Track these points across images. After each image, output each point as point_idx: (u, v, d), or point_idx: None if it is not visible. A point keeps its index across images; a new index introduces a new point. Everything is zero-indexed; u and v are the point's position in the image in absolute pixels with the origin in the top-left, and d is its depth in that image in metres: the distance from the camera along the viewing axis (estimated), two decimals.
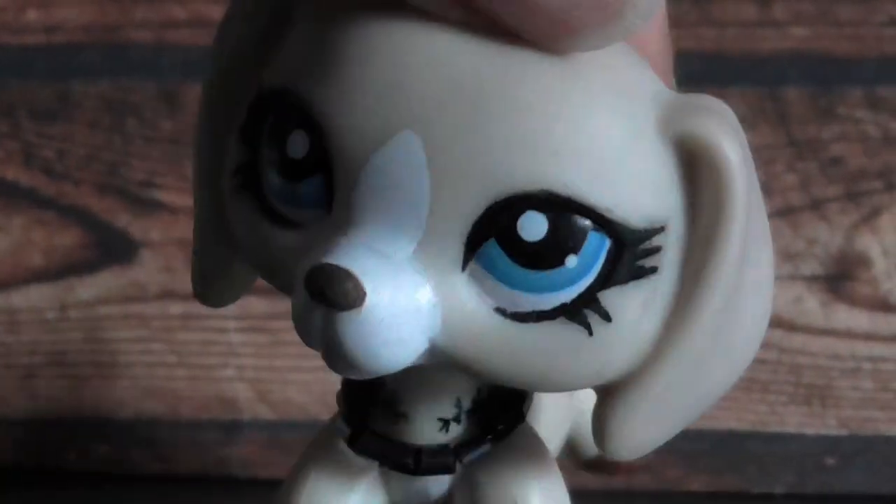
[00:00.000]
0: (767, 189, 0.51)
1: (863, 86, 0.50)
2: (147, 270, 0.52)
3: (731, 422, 0.52)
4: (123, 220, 0.51)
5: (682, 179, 0.23)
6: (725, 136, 0.23)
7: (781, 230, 0.50)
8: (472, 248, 0.22)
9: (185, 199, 0.51)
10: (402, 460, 0.26)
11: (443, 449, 0.26)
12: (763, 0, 0.50)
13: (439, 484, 0.27)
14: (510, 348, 0.23)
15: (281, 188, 0.23)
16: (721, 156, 0.23)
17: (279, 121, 0.23)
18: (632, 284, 0.23)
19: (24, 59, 0.51)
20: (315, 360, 0.52)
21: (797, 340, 0.51)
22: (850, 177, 0.50)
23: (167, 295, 0.52)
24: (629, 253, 0.22)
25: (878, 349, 0.51)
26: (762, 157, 0.50)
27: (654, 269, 0.23)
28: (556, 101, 0.22)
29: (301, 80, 0.23)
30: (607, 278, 0.22)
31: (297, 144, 0.23)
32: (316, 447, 0.28)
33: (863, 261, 0.51)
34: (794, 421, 0.52)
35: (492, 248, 0.22)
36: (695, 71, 0.49)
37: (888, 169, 0.50)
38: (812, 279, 0.51)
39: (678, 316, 0.23)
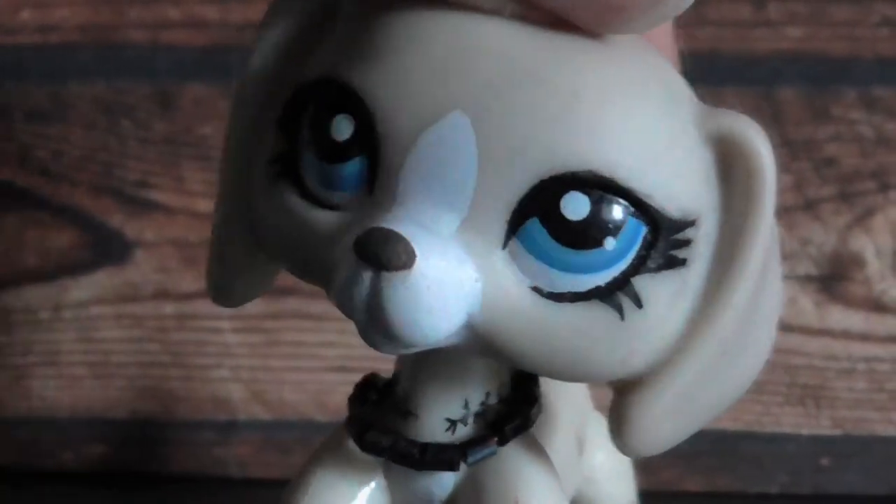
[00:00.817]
0: None
1: (857, 86, 0.50)
2: (141, 271, 0.52)
3: (726, 422, 0.52)
4: (118, 220, 0.51)
5: (716, 178, 0.24)
6: (758, 134, 0.25)
7: None
8: (514, 226, 0.23)
9: (179, 200, 0.51)
10: (409, 450, 0.26)
11: (449, 446, 0.26)
12: (758, 0, 0.50)
13: (443, 486, 0.27)
14: (544, 328, 0.23)
15: (321, 171, 0.24)
16: (755, 151, 0.25)
17: (322, 107, 0.24)
18: (664, 274, 0.24)
19: (18, 60, 0.51)
20: (310, 360, 0.52)
21: (792, 341, 0.51)
22: (844, 177, 0.50)
23: (162, 295, 0.52)
24: (663, 241, 0.23)
25: (873, 349, 0.51)
26: None
27: (684, 262, 0.24)
28: (606, 88, 0.23)
29: (347, 67, 0.24)
30: (641, 264, 0.23)
31: (342, 127, 0.24)
32: (323, 449, 0.28)
33: (857, 261, 0.51)
34: (789, 421, 0.52)
35: (534, 226, 0.23)
36: (689, 71, 0.48)
37: (882, 169, 0.50)
38: (806, 280, 0.51)
39: (704, 312, 0.24)
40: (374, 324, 0.23)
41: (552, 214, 0.23)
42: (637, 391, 0.25)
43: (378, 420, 0.27)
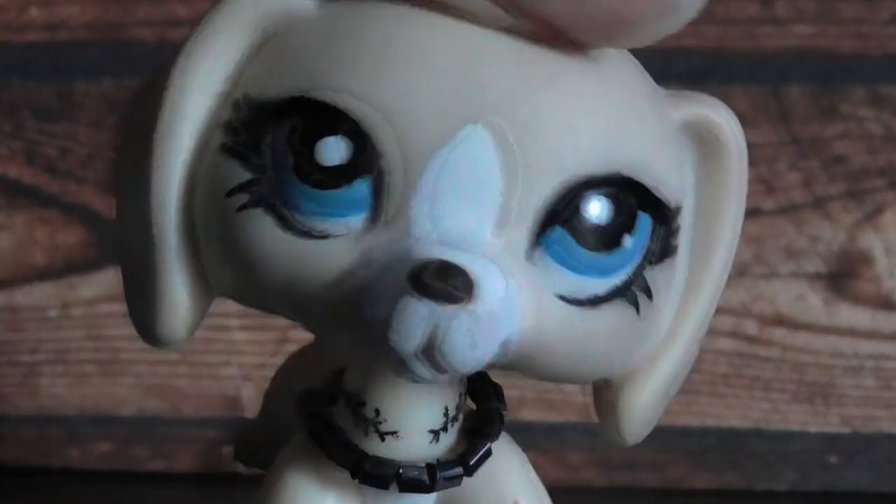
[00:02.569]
0: (770, 187, 0.52)
1: (865, 84, 0.50)
2: None
3: (734, 420, 0.52)
4: None
5: (691, 162, 0.25)
6: (726, 114, 0.25)
7: (784, 228, 0.50)
8: (537, 236, 0.23)
9: None
10: (418, 477, 0.25)
11: (454, 461, 0.26)
12: None
13: (429, 498, 0.27)
14: (574, 336, 0.23)
15: (311, 199, 0.22)
16: (724, 130, 0.25)
17: (304, 129, 0.22)
18: (663, 264, 0.24)
19: (26, 58, 0.51)
20: None
21: (800, 338, 0.51)
22: (852, 175, 0.50)
23: None
24: (665, 231, 0.24)
25: (881, 347, 0.51)
26: (765, 155, 0.50)
27: (675, 249, 0.24)
28: (610, 90, 0.23)
29: (330, 86, 0.22)
30: (650, 257, 0.24)
31: (332, 151, 0.22)
32: (292, 452, 0.27)
33: (865, 259, 0.51)
34: (797, 419, 0.52)
35: (558, 233, 0.23)
36: (697, 69, 0.49)
37: (891, 167, 0.50)
38: (815, 277, 0.51)
39: (688, 297, 0.25)
40: (429, 356, 0.22)
41: (576, 219, 0.23)
42: (631, 382, 0.25)
43: (356, 448, 0.26)
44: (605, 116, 0.23)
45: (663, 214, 0.24)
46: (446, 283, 0.21)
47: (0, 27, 0.51)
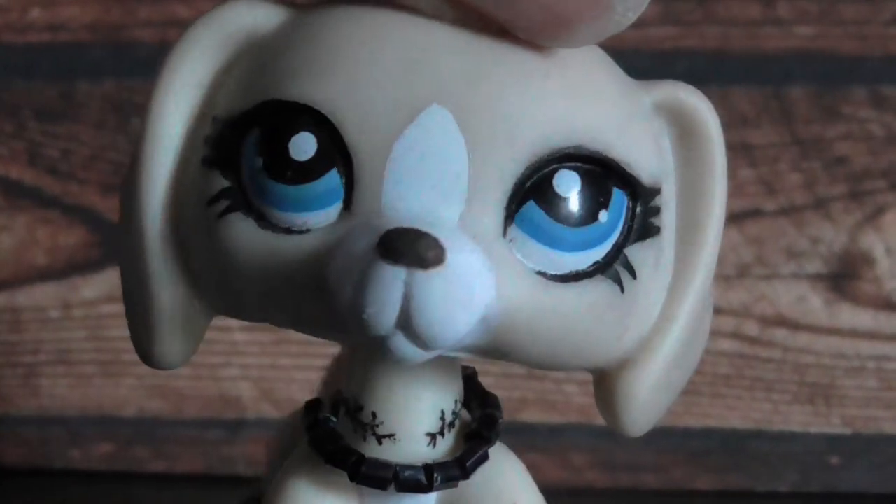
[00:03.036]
0: (771, 188, 0.52)
1: (867, 85, 0.50)
2: None
3: (736, 421, 0.52)
4: None
5: (668, 145, 0.25)
6: (700, 98, 0.26)
7: (785, 229, 0.50)
8: (511, 212, 0.23)
9: None
10: (416, 478, 0.26)
11: (452, 461, 0.26)
12: None
13: (427, 498, 0.27)
14: (555, 311, 0.23)
15: (285, 195, 0.23)
16: (699, 113, 0.25)
17: (274, 130, 0.23)
18: (646, 243, 0.25)
19: (28, 59, 0.51)
20: (319, 358, 0.52)
21: (801, 339, 0.51)
22: (854, 176, 0.50)
23: None
24: (642, 209, 0.24)
25: (882, 348, 0.51)
26: (766, 156, 0.50)
27: (658, 230, 0.25)
28: (569, 67, 0.24)
29: (295, 86, 0.23)
30: (629, 234, 0.24)
31: (303, 146, 0.23)
32: (295, 461, 0.27)
33: (867, 260, 0.51)
34: (799, 420, 0.52)
35: (531, 209, 0.23)
36: (698, 69, 0.49)
37: (892, 168, 0.50)
38: (816, 278, 0.51)
39: (679, 280, 0.25)
40: (408, 327, 0.22)
41: (547, 194, 0.23)
42: (629, 369, 0.25)
43: (354, 451, 0.26)
44: (561, 95, 0.24)
45: (638, 192, 0.24)
46: (415, 246, 0.21)
47: (2, 28, 0.51)
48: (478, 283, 0.22)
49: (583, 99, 0.24)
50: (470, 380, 0.28)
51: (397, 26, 0.23)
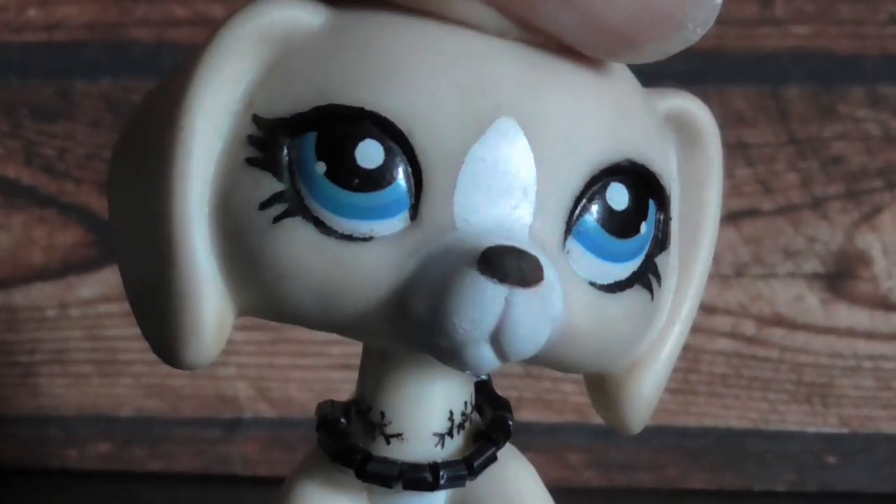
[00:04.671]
0: (768, 187, 0.52)
1: (864, 84, 0.50)
2: None
3: (733, 420, 0.52)
4: None
5: (673, 153, 0.26)
6: (701, 106, 0.26)
7: (782, 228, 0.50)
8: (570, 225, 0.24)
9: None
10: (420, 476, 0.26)
11: (454, 462, 0.26)
12: None
13: (434, 499, 0.27)
14: (605, 321, 0.24)
15: (351, 203, 0.23)
16: (701, 120, 0.26)
17: (337, 136, 0.23)
18: (668, 249, 0.25)
19: (24, 58, 0.51)
20: (316, 357, 0.52)
21: (798, 339, 0.51)
22: (850, 175, 0.50)
23: None
24: (665, 218, 0.25)
25: (879, 347, 0.51)
26: (763, 156, 0.50)
27: (670, 236, 0.26)
28: (613, 83, 0.24)
29: (355, 91, 0.23)
30: (656, 243, 0.25)
31: (370, 154, 0.23)
32: (306, 462, 0.28)
33: (863, 259, 0.51)
34: (795, 419, 0.52)
35: (586, 222, 0.24)
36: (696, 69, 0.49)
37: (889, 167, 0.50)
38: (813, 277, 0.51)
39: (682, 282, 0.26)
40: (497, 340, 0.22)
41: (601, 207, 0.24)
42: (636, 369, 0.26)
43: (361, 449, 0.26)
44: (608, 107, 0.24)
45: (664, 202, 0.25)
46: (520, 266, 0.22)
47: None
48: (558, 300, 0.23)
49: (626, 112, 0.24)
50: (483, 385, 0.28)
51: (457, 38, 0.23)
